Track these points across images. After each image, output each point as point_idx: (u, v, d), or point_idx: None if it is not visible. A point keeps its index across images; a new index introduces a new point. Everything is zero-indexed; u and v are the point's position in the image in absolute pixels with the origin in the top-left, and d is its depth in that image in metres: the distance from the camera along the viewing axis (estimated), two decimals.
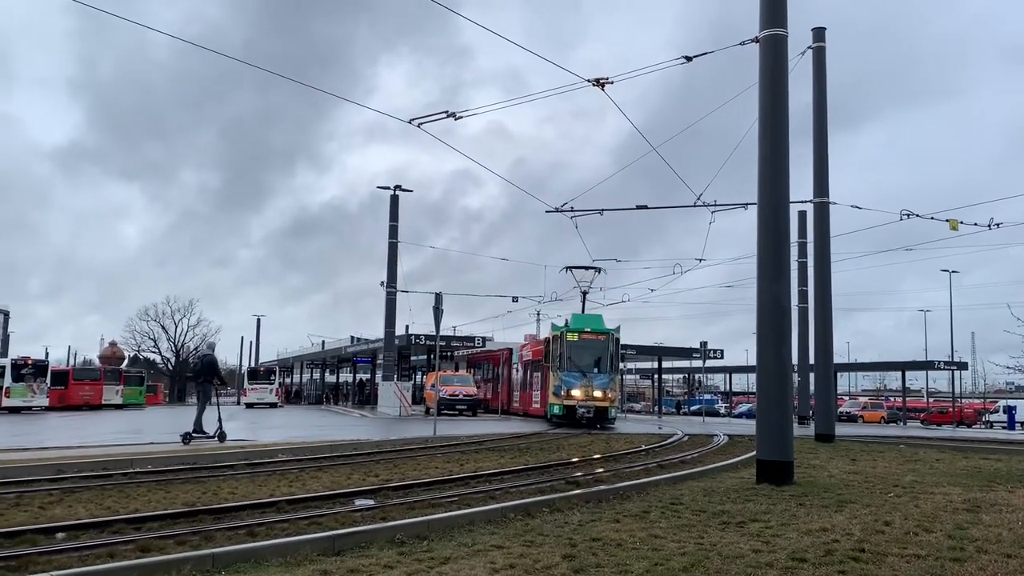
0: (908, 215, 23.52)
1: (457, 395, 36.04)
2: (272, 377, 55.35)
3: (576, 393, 27.06)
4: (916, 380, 77.45)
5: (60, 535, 7.15)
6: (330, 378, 73.40)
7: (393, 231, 37.58)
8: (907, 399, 58.71)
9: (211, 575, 5.89)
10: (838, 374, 56.81)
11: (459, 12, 12.55)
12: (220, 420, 17.23)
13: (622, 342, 32.03)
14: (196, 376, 18.85)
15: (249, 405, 50.39)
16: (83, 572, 5.59)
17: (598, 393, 27.21)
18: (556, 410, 27.36)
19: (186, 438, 16.65)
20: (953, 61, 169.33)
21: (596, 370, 27.86)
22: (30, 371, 41.49)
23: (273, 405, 50.59)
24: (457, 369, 46.81)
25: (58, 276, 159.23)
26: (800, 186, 26.11)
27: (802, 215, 34.47)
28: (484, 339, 49.54)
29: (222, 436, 17.04)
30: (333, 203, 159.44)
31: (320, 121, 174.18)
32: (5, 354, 62.87)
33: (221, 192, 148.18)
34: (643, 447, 18.42)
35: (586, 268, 32.80)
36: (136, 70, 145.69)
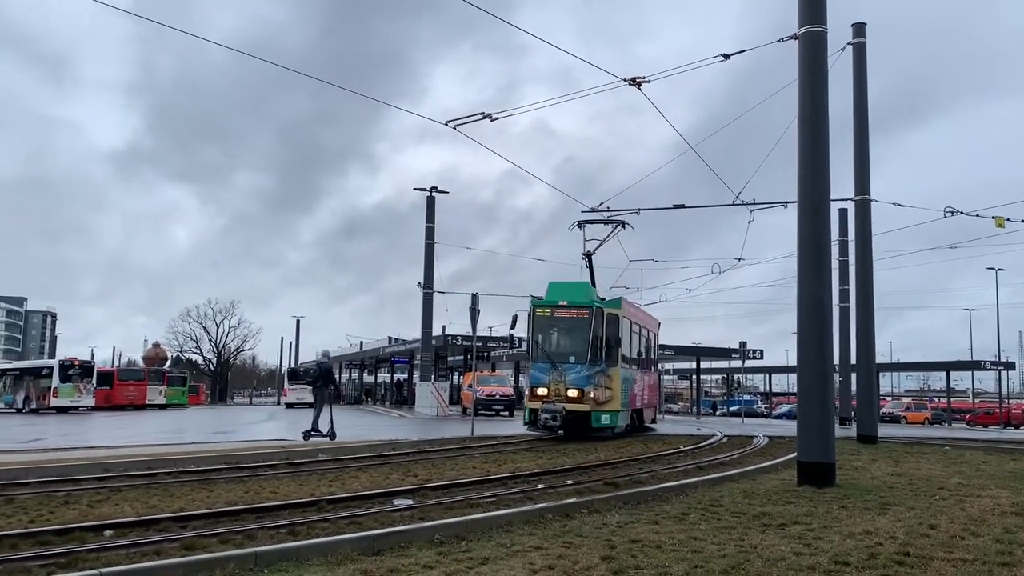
0: (952, 212, 23.04)
1: (494, 395, 36.11)
2: None
3: (540, 391, 20.51)
4: (961, 380, 75.91)
5: (108, 533, 7.31)
6: (368, 378, 74.00)
7: (429, 232, 37.80)
8: (952, 400, 57.59)
9: (254, 573, 5.98)
10: (880, 374, 55.88)
11: (501, 17, 12.53)
12: (332, 421, 18.48)
13: (661, 339, 29.87)
14: (314, 381, 20.91)
15: (289, 405, 50.98)
16: (131, 569, 5.71)
17: (572, 391, 20.14)
18: (527, 415, 21.26)
19: (306, 436, 18.31)
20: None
21: (572, 358, 20.62)
22: (77, 372, 42.46)
23: (312, 405, 51.05)
24: (494, 369, 46.88)
25: (109, 278, 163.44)
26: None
27: (844, 213, 33.93)
28: (521, 340, 49.54)
29: (332, 435, 18.26)
30: (383, 204, 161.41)
31: (373, 122, 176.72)
32: (53, 355, 64.31)
33: (273, 194, 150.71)
34: (681, 448, 18.29)
35: (605, 222, 23.84)
36: (194, 73, 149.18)
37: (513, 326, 23.38)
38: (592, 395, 20.22)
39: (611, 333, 20.99)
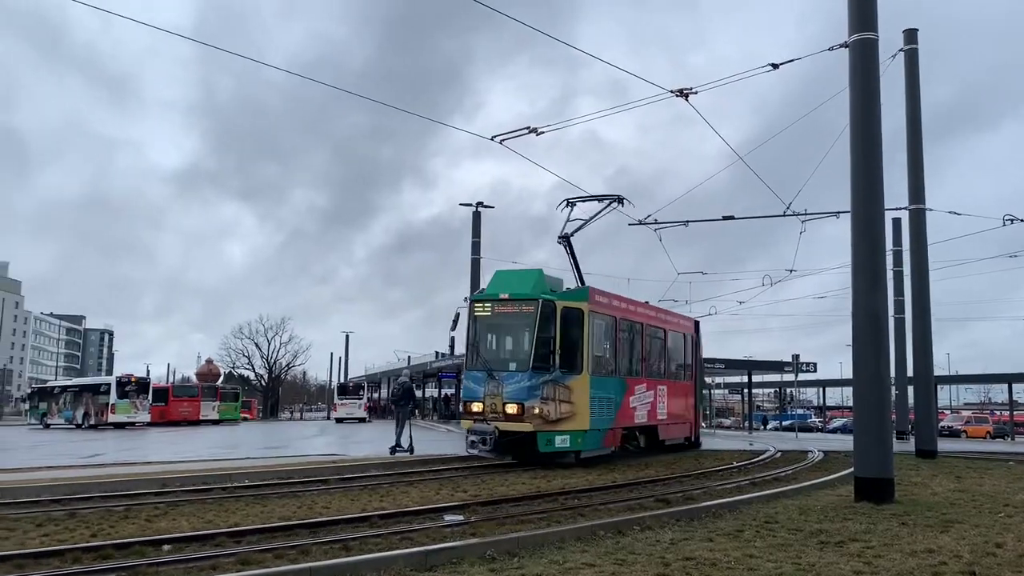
0: (1012, 220, 22.43)
1: None
2: (361, 392, 56.47)
3: (475, 406, 16.79)
4: None
5: (166, 547, 7.44)
6: (417, 393, 74.36)
7: (476, 247, 37.94)
8: (1015, 413, 55.82)
9: None
10: (939, 387, 54.44)
11: (548, 33, 12.59)
12: (411, 437, 19.09)
13: (706, 351, 27.66)
14: (397, 400, 21.41)
15: (339, 420, 51.51)
16: None
17: (510, 407, 16.19)
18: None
19: (392, 451, 18.87)
20: None
21: (512, 365, 16.74)
22: (133, 388, 43.45)
23: (362, 420, 51.62)
24: None
25: (167, 296, 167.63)
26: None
27: (897, 222, 33.23)
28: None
29: (411, 450, 18.94)
30: (437, 219, 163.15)
31: (428, 138, 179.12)
32: (110, 372, 65.78)
33: (329, 211, 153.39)
34: (734, 464, 18.01)
35: (598, 198, 19.52)
36: (253, 92, 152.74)
37: (454, 327, 19.35)
38: (538, 411, 16.03)
39: (569, 332, 16.74)
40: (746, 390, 58.71)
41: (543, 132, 15.93)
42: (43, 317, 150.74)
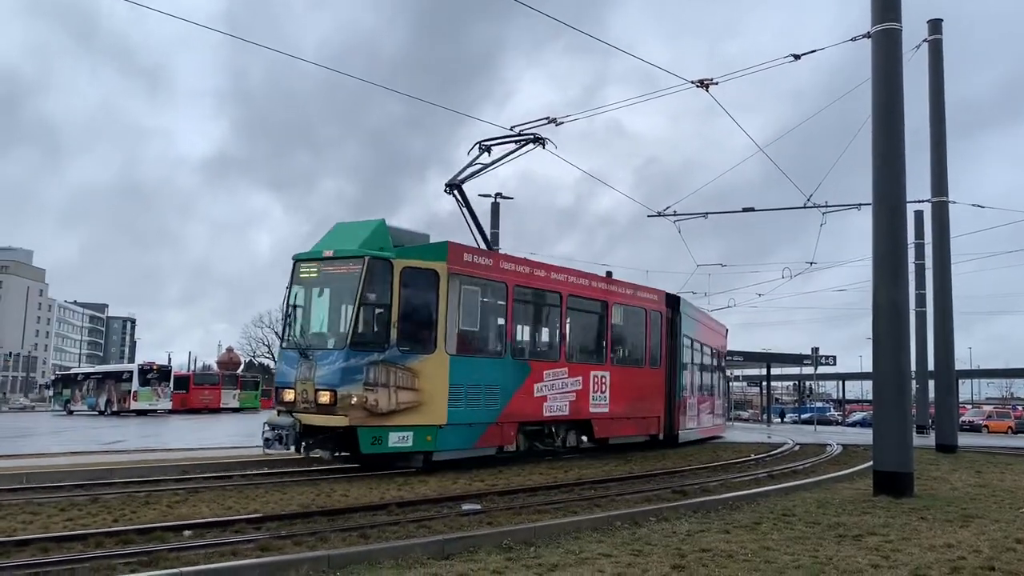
0: None
1: None
2: None
3: (286, 394, 13.15)
4: None
5: (187, 533, 7.53)
6: None
7: (494, 239, 37.97)
8: None
9: (327, 575, 6.08)
10: (960, 381, 53.92)
11: (573, 26, 12.56)
12: None
13: (729, 347, 26.82)
14: None
15: None
16: (209, 569, 5.87)
17: (323, 396, 12.66)
18: None
19: None
20: None
21: (331, 341, 13.30)
22: (155, 376, 43.94)
23: None
24: None
25: (192, 284, 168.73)
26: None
27: (920, 215, 32.91)
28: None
29: None
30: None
31: (457, 126, 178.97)
32: (132, 360, 66.45)
33: (357, 200, 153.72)
34: (752, 457, 17.97)
35: (515, 139, 16.27)
36: (283, 81, 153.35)
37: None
38: (357, 400, 12.53)
39: (414, 300, 13.43)
40: (765, 383, 58.44)
41: (563, 122, 15.94)
42: (67, 305, 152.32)
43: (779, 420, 58.81)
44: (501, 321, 15.40)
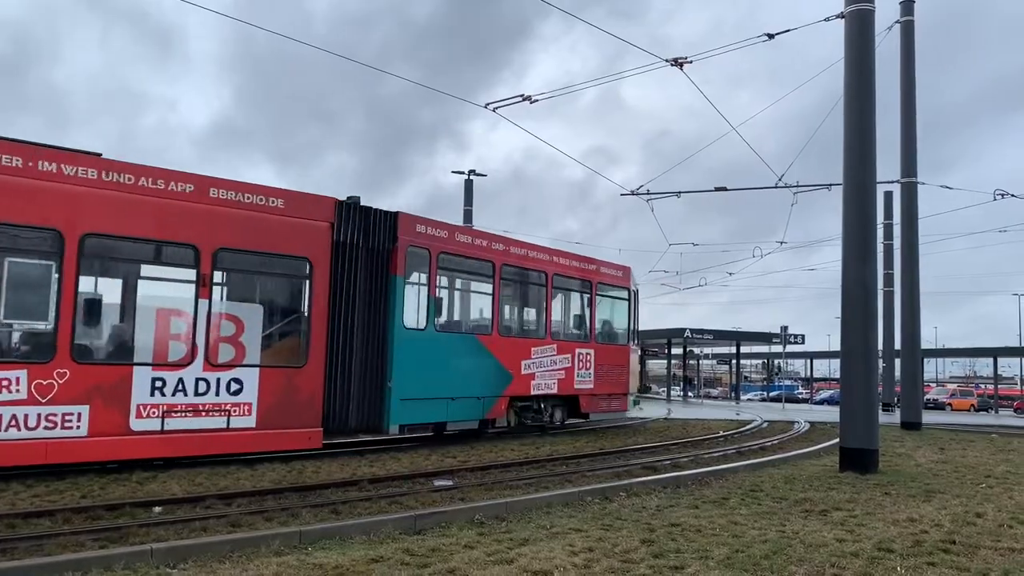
0: (1003, 195, 22.50)
1: None
2: None
3: None
4: (1009, 367, 74.24)
5: (157, 509, 7.49)
6: None
7: (467, 216, 37.83)
8: (999, 387, 56.36)
9: (299, 550, 6.08)
10: (925, 360, 54.86)
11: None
12: None
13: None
14: None
15: None
16: (179, 545, 5.85)
17: None
18: None
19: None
20: None
21: None
22: None
23: None
24: None
25: None
26: (932, 166, 23.17)
27: (889, 196, 33.26)
28: None
29: None
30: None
31: (470, 98, 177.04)
32: None
33: (363, 173, 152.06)
34: (721, 433, 18.18)
35: None
36: (292, 50, 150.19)
37: None
38: None
39: None
40: (734, 361, 59.07)
41: (537, 100, 15.84)
42: None
43: (738, 398, 59.60)
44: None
